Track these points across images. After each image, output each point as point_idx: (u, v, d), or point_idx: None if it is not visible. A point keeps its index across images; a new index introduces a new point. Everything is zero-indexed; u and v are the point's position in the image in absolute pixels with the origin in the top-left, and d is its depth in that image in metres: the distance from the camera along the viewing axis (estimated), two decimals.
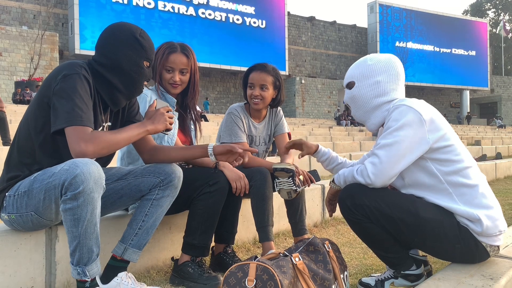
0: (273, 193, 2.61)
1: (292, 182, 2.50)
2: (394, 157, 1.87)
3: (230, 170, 2.42)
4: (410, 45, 43.62)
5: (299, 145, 2.42)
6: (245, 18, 34.82)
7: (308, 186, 2.73)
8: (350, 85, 2.12)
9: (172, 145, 2.44)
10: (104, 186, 1.80)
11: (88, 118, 1.81)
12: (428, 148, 1.88)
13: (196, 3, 32.48)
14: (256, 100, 2.79)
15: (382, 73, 2.05)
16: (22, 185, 1.86)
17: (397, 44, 42.63)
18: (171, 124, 2.06)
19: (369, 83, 2.06)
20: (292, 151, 2.69)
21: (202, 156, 2.20)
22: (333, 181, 2.16)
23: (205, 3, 32.89)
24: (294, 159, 2.86)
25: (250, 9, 35.02)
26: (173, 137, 2.48)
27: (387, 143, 1.89)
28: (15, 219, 1.90)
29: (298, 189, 2.52)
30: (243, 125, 2.85)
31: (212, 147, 2.15)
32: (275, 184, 2.56)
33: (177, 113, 2.57)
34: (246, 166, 2.64)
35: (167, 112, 2.06)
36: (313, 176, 2.73)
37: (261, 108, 2.85)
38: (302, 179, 2.64)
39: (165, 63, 2.46)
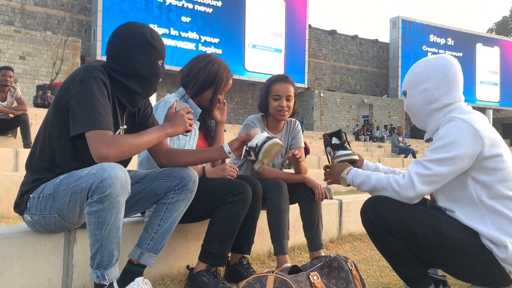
0: (289, 206, 2.60)
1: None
2: (442, 177, 1.85)
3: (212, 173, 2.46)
4: None
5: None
6: None
7: (322, 200, 2.75)
8: (405, 94, 2.14)
9: None
10: (130, 190, 1.81)
11: (108, 121, 1.82)
12: (473, 162, 1.84)
13: None
14: (284, 112, 2.81)
15: (428, 79, 2.02)
16: (47, 187, 1.87)
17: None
18: (190, 125, 2.07)
19: (418, 91, 2.05)
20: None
21: (218, 157, 2.23)
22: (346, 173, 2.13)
23: None
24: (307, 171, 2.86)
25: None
26: (193, 145, 2.49)
27: (438, 158, 1.85)
28: (38, 221, 1.92)
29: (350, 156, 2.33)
30: None
31: (227, 145, 2.17)
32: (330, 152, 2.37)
33: (198, 123, 2.58)
34: (262, 177, 2.64)
35: (187, 113, 2.07)
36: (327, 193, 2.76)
37: (287, 119, 2.87)
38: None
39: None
